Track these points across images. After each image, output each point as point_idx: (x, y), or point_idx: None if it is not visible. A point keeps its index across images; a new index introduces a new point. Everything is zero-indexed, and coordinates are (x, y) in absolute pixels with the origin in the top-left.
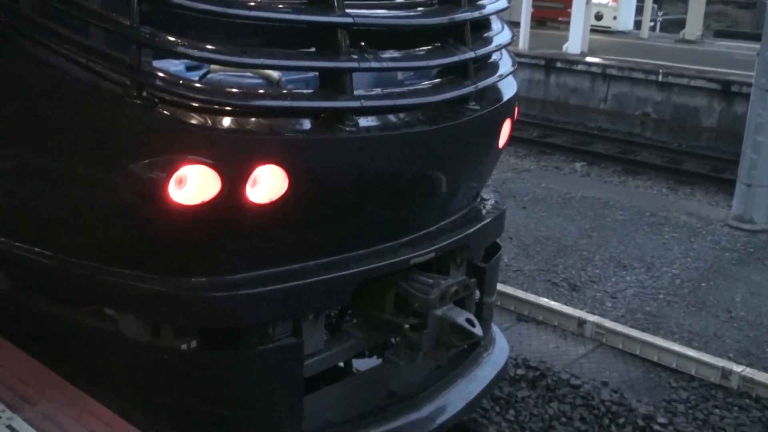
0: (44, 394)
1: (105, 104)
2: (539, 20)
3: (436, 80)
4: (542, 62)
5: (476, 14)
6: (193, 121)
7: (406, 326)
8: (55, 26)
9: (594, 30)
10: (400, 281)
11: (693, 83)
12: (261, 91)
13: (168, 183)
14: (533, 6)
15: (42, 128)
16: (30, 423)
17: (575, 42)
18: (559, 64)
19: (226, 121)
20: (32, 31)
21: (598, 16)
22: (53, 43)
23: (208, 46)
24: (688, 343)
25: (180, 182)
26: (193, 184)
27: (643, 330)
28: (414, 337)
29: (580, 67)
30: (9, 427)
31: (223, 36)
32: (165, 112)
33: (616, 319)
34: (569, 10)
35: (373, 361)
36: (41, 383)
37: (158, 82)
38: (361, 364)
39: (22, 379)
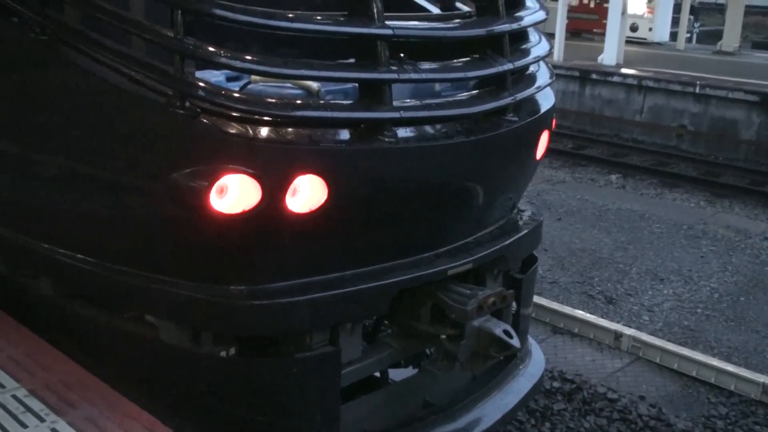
0: (87, 399)
1: (148, 114)
2: (574, 32)
3: (475, 91)
4: (577, 74)
5: (515, 26)
6: (235, 131)
7: (443, 337)
8: (99, 38)
9: (629, 41)
10: (438, 292)
11: (731, 95)
12: (301, 101)
13: (209, 192)
14: (568, 17)
15: (86, 137)
16: (74, 427)
17: (610, 53)
18: (594, 76)
19: (267, 131)
20: (78, 42)
21: (634, 28)
22: (98, 54)
23: (251, 57)
24: (728, 358)
25: (221, 191)
26: (234, 194)
27: (681, 344)
28: (451, 348)
29: (615, 79)
30: (53, 430)
31: (261, 47)
32: (207, 121)
33: (653, 333)
34: (604, 21)
35: (409, 372)
36: (84, 388)
37: (201, 93)
38: (397, 374)
39: (66, 384)
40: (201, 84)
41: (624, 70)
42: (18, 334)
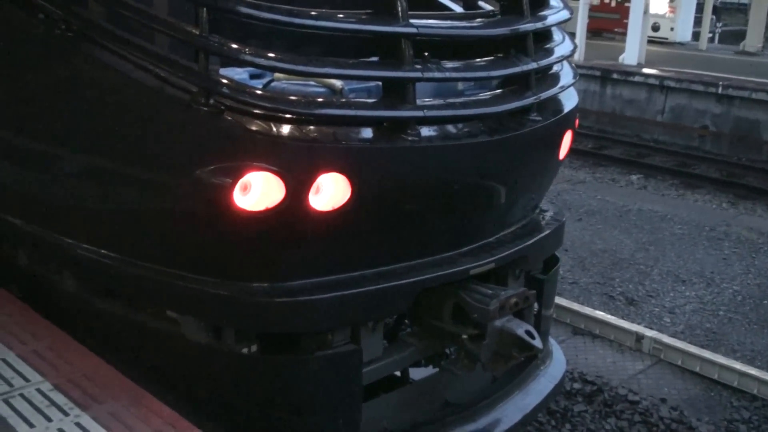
0: (111, 393)
1: (172, 110)
2: (595, 31)
3: (498, 91)
4: (598, 73)
5: (539, 25)
6: (259, 129)
7: (465, 337)
8: (124, 34)
9: (651, 41)
10: (459, 291)
11: (754, 96)
12: (325, 99)
13: (233, 189)
14: (589, 17)
15: (110, 133)
16: (97, 421)
17: (632, 53)
18: (615, 75)
19: (291, 129)
20: (103, 39)
21: (655, 27)
22: (123, 51)
23: (276, 55)
24: (751, 362)
25: (245, 188)
26: (258, 191)
27: (703, 347)
28: (472, 348)
29: (636, 79)
30: (77, 424)
31: (284, 45)
32: (231, 119)
33: (674, 335)
34: (625, 20)
35: (429, 371)
36: (108, 382)
37: (225, 90)
38: (418, 374)
39: (90, 378)
40: (225, 81)
41: (645, 70)
42: (42, 328)
